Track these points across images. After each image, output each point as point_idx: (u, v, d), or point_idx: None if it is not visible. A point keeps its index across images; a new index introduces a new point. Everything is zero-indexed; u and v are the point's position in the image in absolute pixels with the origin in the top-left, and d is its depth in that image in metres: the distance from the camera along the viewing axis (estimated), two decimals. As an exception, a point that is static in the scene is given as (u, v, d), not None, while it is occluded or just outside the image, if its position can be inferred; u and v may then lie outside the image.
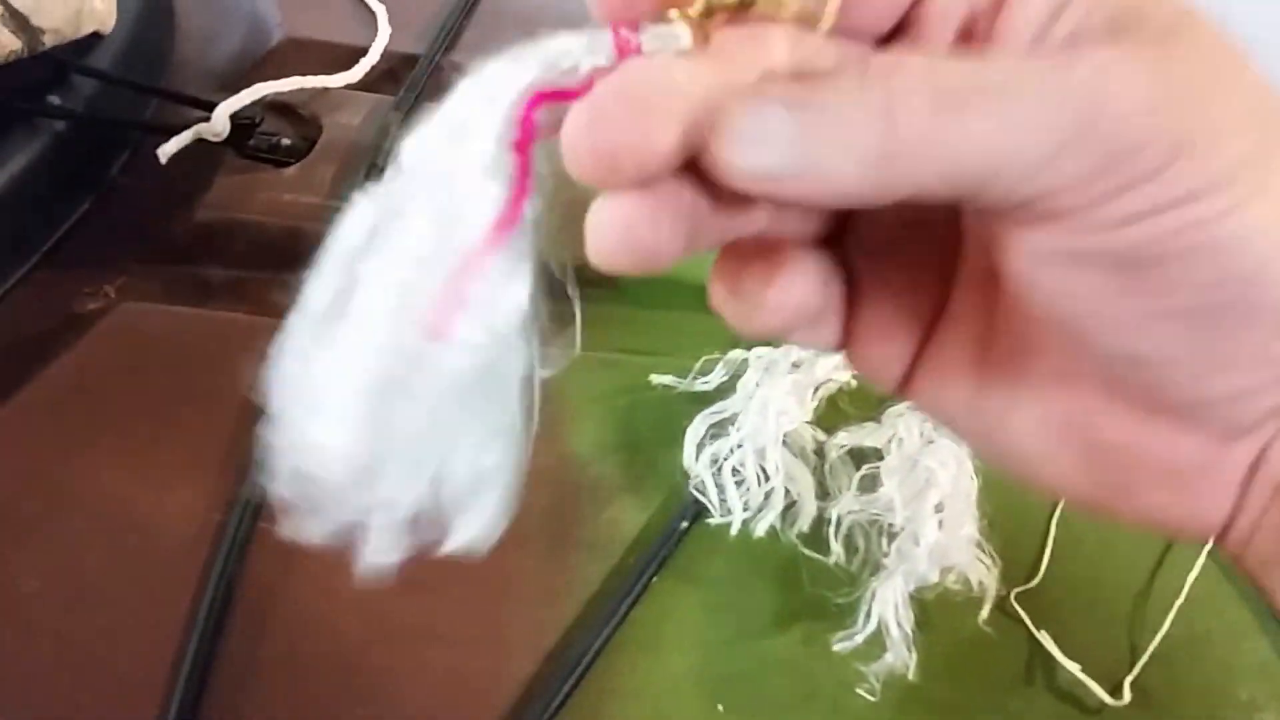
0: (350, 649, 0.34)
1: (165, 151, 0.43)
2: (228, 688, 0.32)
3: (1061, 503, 0.38)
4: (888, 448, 0.38)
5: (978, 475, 0.37)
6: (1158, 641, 0.36)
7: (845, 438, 0.39)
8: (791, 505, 0.38)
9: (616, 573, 0.36)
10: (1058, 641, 0.36)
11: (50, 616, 0.33)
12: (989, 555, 0.36)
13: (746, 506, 0.37)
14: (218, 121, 0.45)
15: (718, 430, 0.39)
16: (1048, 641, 0.36)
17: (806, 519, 0.37)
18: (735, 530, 0.37)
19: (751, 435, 0.38)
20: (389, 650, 0.34)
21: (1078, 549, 0.38)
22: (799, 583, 0.36)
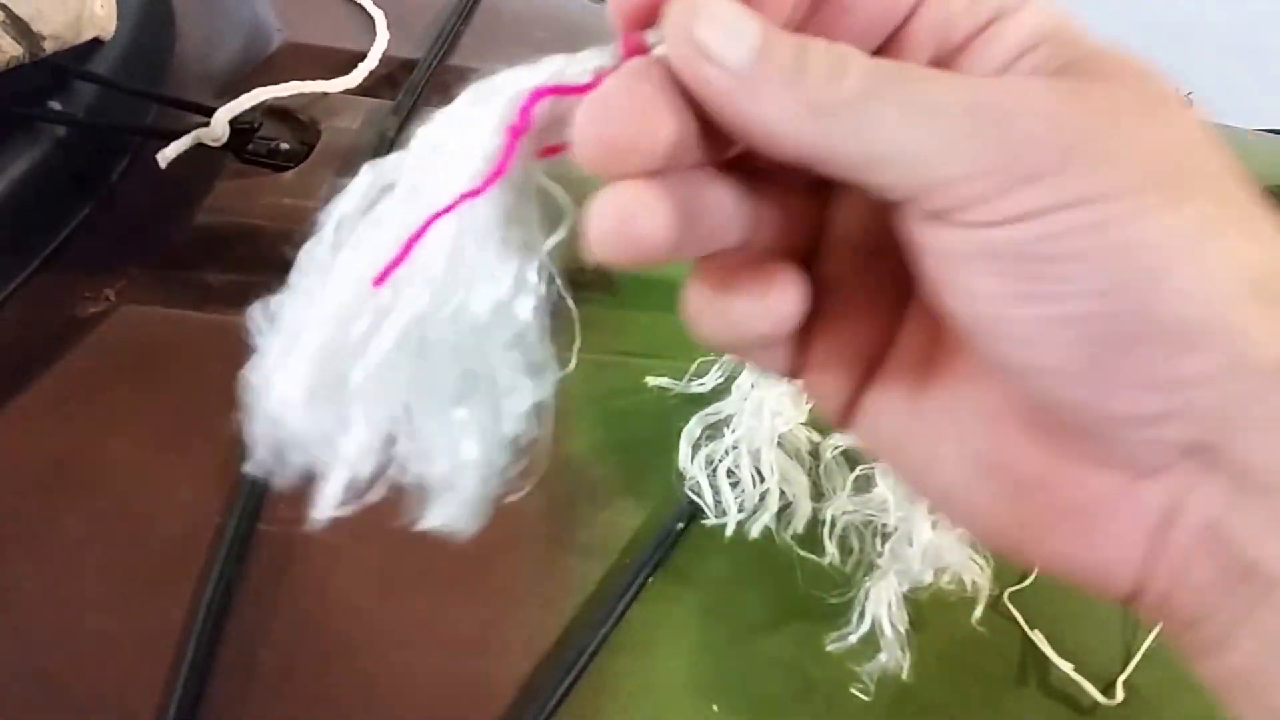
0: (347, 650, 0.34)
1: (165, 156, 0.44)
2: (226, 688, 0.32)
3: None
4: (882, 449, 0.39)
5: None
6: (1150, 641, 0.36)
7: (840, 439, 0.39)
8: (786, 506, 0.38)
9: (612, 574, 0.36)
10: (1051, 641, 0.36)
11: (51, 617, 0.33)
12: (982, 556, 0.37)
13: (742, 508, 0.38)
14: (217, 126, 0.45)
15: (713, 432, 0.39)
16: (1041, 641, 0.36)
17: (801, 520, 0.38)
18: (730, 531, 0.37)
19: (746, 437, 0.38)
20: (386, 651, 0.34)
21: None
22: (794, 583, 0.37)
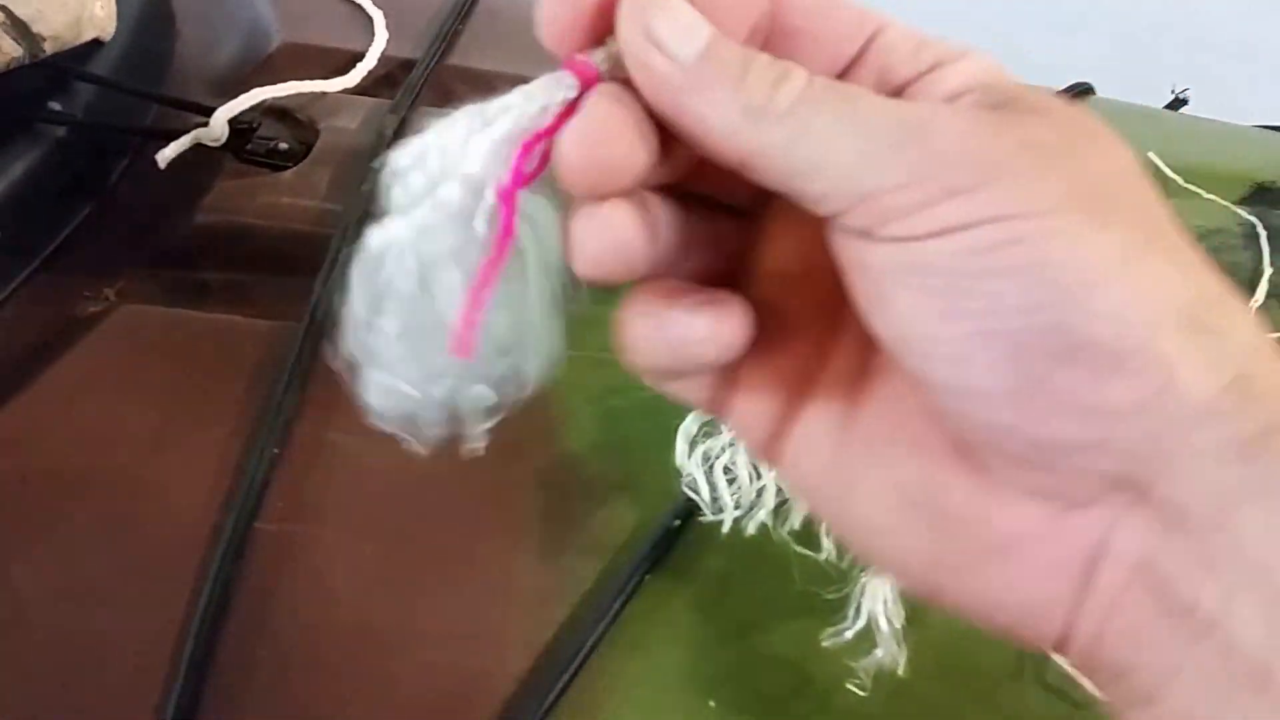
0: (345, 647, 0.34)
1: (164, 156, 0.44)
2: (225, 687, 0.33)
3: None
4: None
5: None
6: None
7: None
8: (783, 503, 0.38)
9: (609, 571, 0.36)
10: (1048, 637, 0.36)
11: (50, 616, 0.34)
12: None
13: (738, 504, 0.38)
14: (216, 126, 0.45)
15: (709, 429, 0.39)
16: (1038, 637, 0.36)
17: (798, 516, 0.38)
18: (727, 528, 0.37)
19: (743, 434, 0.38)
20: (383, 648, 0.34)
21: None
22: (790, 579, 0.37)
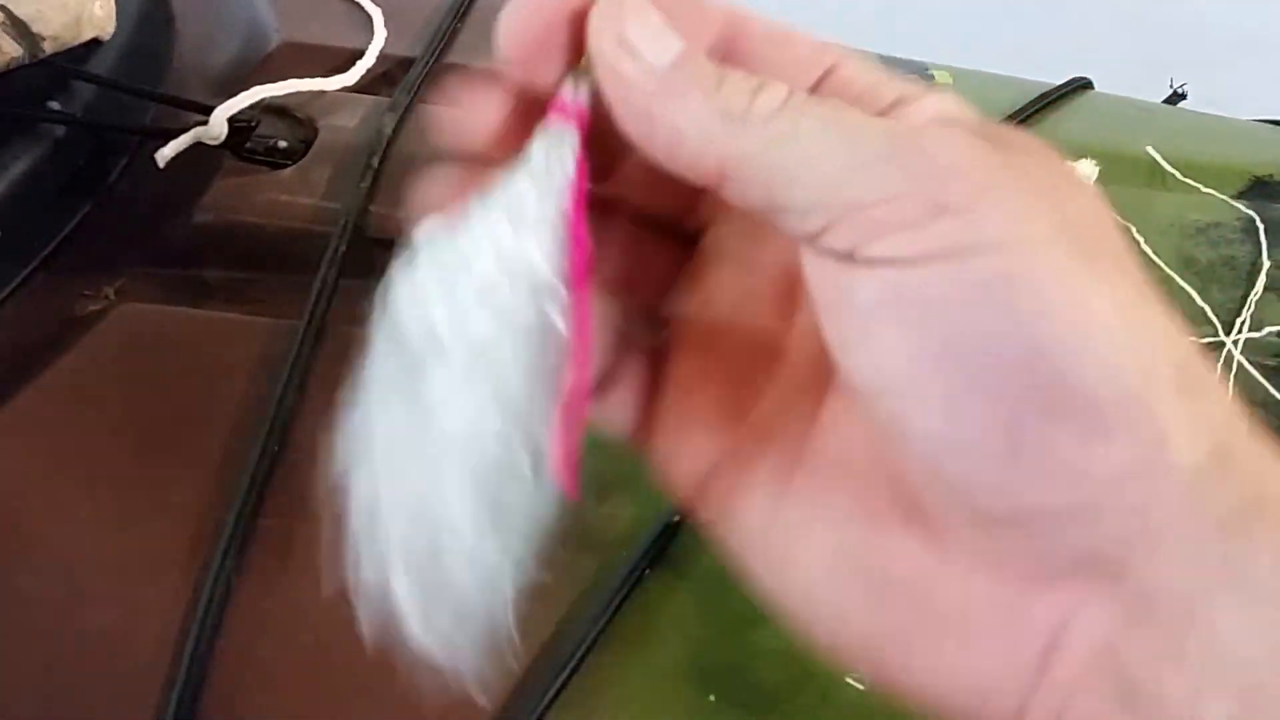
0: (347, 642, 0.34)
1: (164, 155, 0.44)
2: (226, 685, 0.33)
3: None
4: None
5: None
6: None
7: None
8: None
9: (610, 566, 0.36)
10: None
11: (50, 615, 0.34)
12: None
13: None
14: (215, 125, 0.45)
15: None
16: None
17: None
18: (727, 523, 0.37)
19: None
20: (384, 646, 0.34)
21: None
22: (790, 575, 0.37)
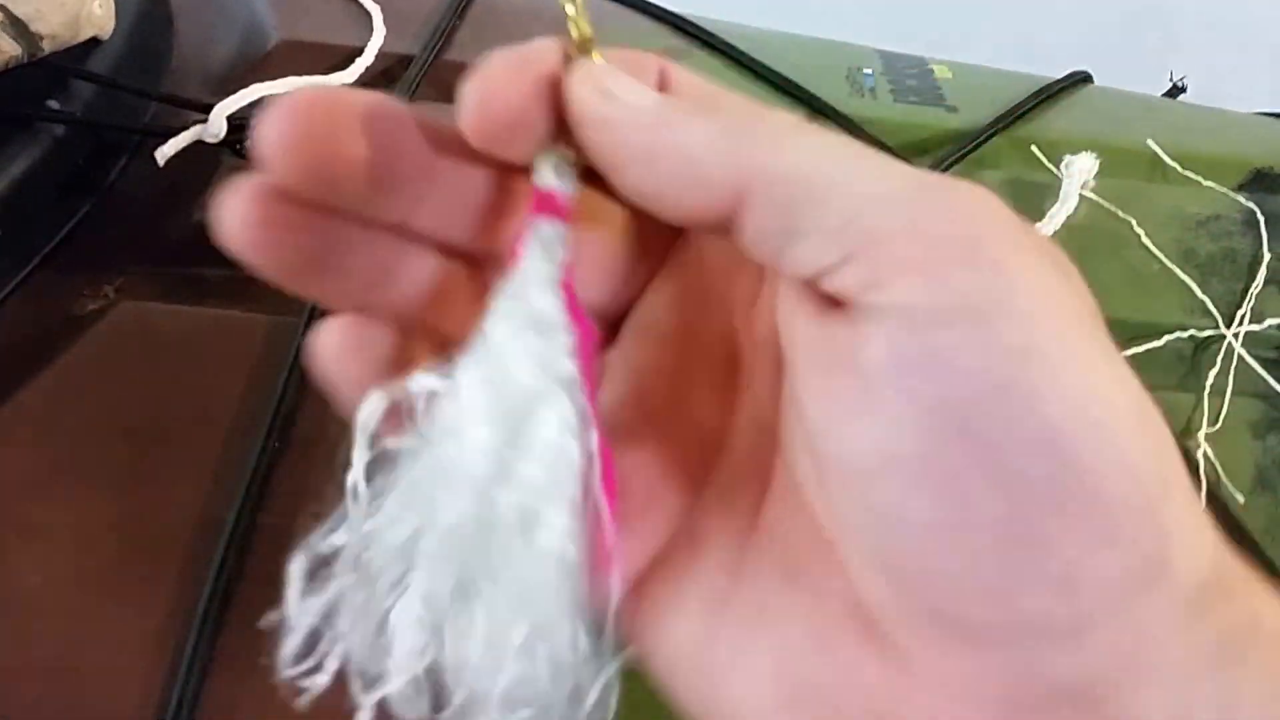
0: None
1: (163, 153, 0.44)
2: (227, 682, 0.33)
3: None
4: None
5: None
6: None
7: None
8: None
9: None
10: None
11: (51, 613, 0.34)
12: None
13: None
14: (215, 123, 0.45)
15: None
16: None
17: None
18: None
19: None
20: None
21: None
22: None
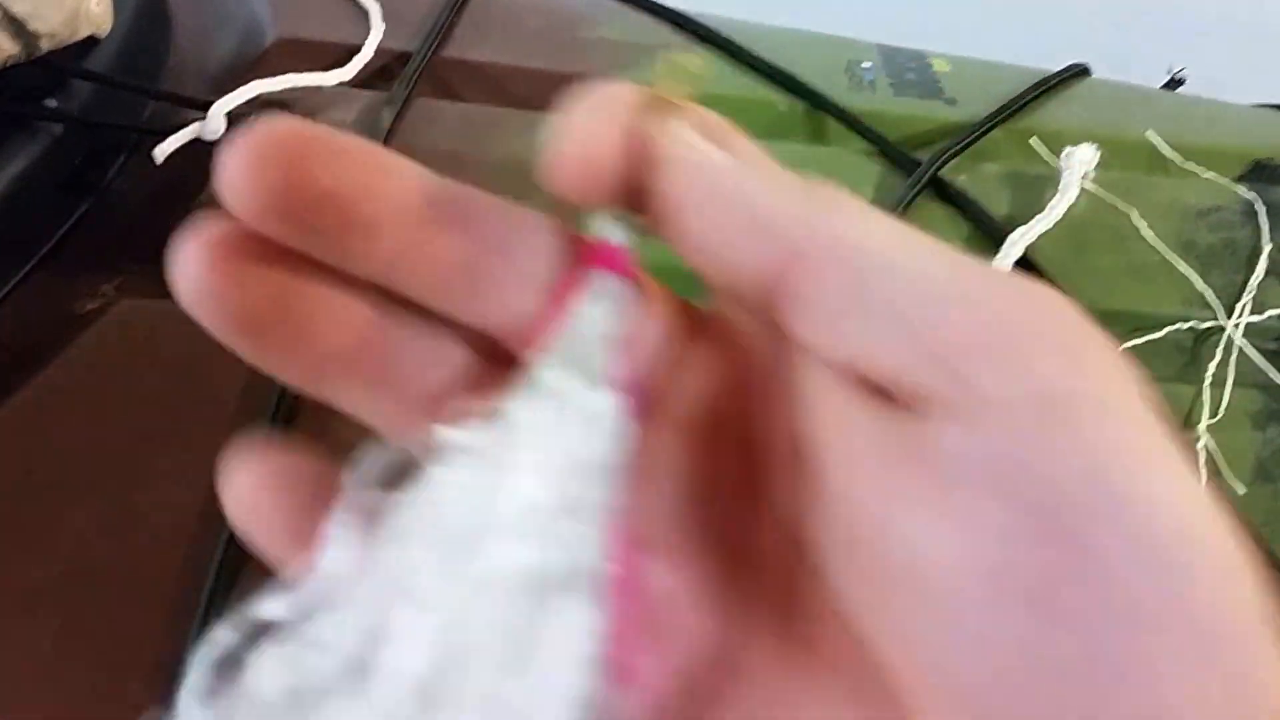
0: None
1: (161, 151, 0.44)
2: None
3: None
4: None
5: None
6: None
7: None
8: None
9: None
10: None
11: (53, 610, 0.34)
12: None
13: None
14: (213, 120, 0.45)
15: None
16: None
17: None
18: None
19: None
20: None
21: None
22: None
